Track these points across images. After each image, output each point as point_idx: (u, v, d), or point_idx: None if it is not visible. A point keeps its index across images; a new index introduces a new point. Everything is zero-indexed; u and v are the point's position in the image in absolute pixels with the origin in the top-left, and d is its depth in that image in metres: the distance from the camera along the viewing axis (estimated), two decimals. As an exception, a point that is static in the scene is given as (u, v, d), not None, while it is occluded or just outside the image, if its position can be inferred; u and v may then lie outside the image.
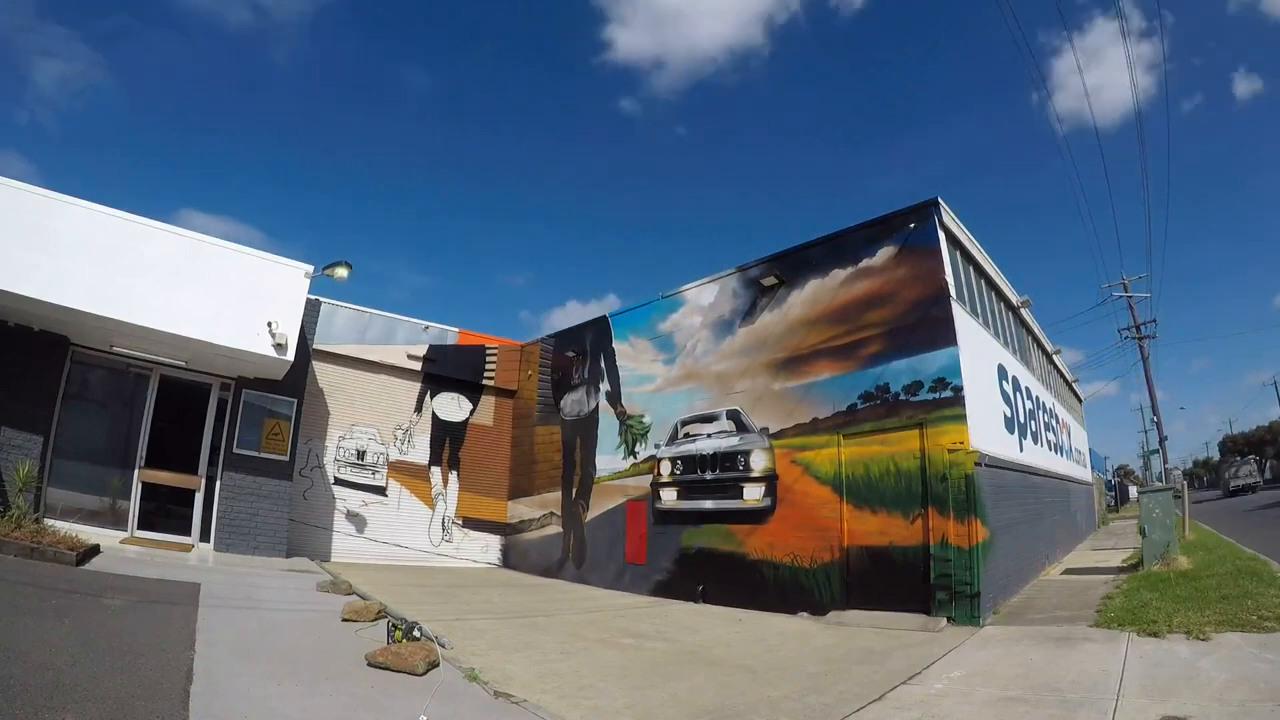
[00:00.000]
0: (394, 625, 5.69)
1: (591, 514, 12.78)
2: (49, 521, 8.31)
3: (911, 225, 8.94)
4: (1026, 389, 11.91)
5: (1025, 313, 13.35)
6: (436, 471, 14.16)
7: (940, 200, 8.81)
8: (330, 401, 12.98)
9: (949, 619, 7.38)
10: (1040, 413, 13.11)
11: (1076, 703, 4.33)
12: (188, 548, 10.04)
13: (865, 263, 9.25)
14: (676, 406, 11.49)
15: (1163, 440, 21.07)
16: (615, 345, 13.09)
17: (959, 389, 8.06)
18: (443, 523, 13.75)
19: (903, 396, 8.49)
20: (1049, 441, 13.84)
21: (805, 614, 8.56)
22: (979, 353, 9.25)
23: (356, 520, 13.07)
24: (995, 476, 8.50)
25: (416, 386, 14.27)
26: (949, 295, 8.47)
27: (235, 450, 10.73)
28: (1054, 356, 17.32)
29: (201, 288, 9.05)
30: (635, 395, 12.44)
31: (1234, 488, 38.61)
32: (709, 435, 10.78)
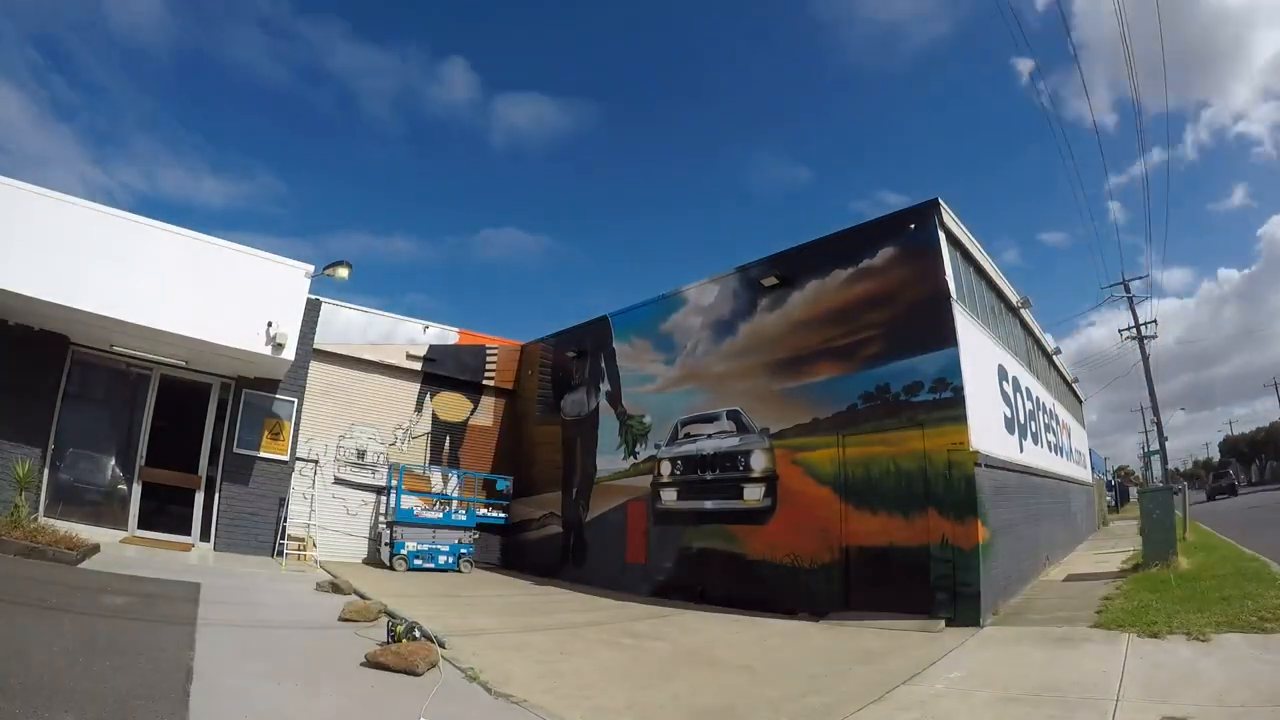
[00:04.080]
0: (394, 625, 5.69)
1: (591, 514, 12.78)
2: (49, 521, 8.32)
3: (912, 226, 8.94)
4: (1026, 389, 11.90)
5: (1025, 313, 13.35)
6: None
7: (941, 201, 8.81)
8: (330, 401, 12.97)
9: (949, 620, 7.37)
10: (1040, 413, 13.10)
11: (1076, 703, 4.33)
12: (188, 547, 10.04)
13: (866, 263, 9.24)
14: (677, 406, 11.49)
15: (1163, 441, 21.07)
16: (615, 345, 13.09)
17: (959, 389, 8.05)
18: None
19: (903, 397, 8.48)
20: (1049, 442, 13.83)
21: (805, 614, 8.55)
22: (979, 353, 9.24)
23: (357, 520, 13.07)
24: (995, 477, 8.50)
25: (416, 386, 14.26)
26: (949, 296, 8.46)
27: (235, 450, 10.74)
28: (1054, 357, 17.32)
29: (202, 287, 9.05)
30: (636, 395, 12.43)
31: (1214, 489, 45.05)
32: (709, 435, 10.78)
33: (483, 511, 13.88)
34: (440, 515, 13.23)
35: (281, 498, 11.06)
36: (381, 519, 13.14)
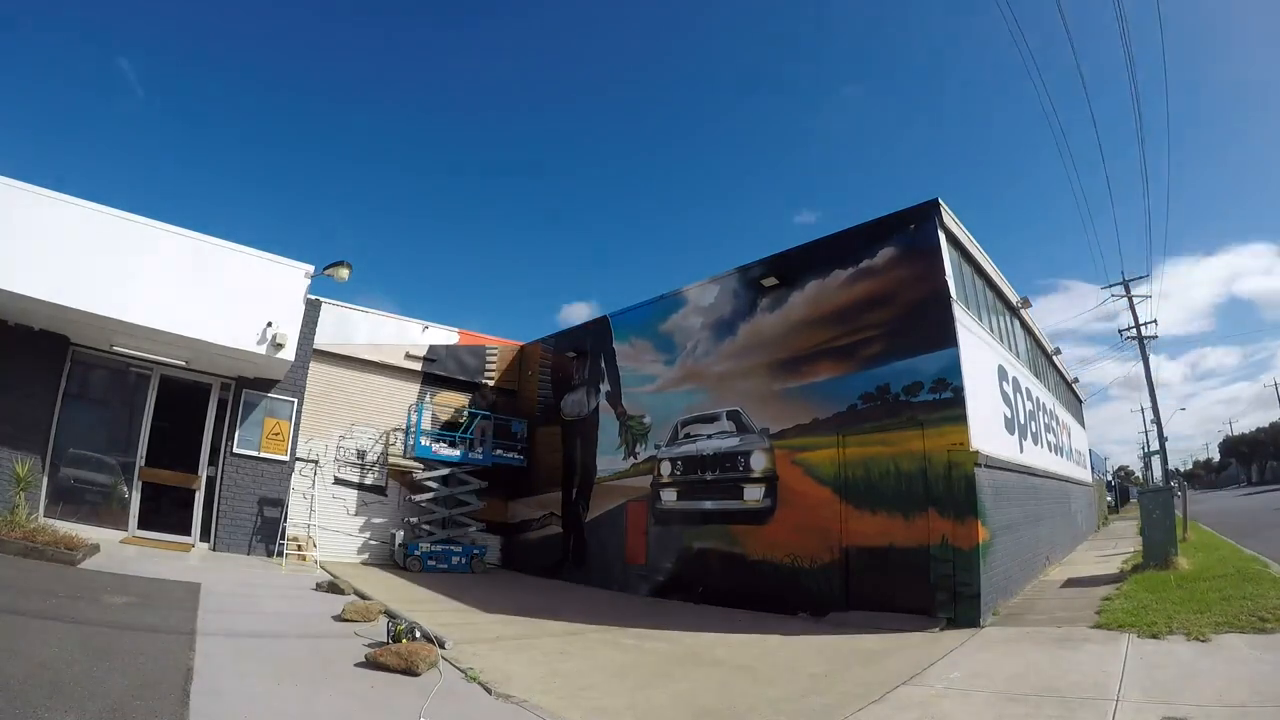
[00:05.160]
0: (394, 625, 5.69)
1: (592, 514, 12.77)
2: (48, 520, 8.32)
3: (912, 226, 8.94)
4: (1026, 390, 11.90)
5: (1025, 313, 13.35)
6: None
7: (941, 201, 8.81)
8: (330, 401, 12.97)
9: (949, 620, 7.37)
10: (1040, 413, 13.10)
11: (1076, 704, 4.33)
12: (187, 547, 10.04)
13: (866, 264, 9.25)
14: (677, 407, 11.49)
15: (1163, 441, 21.02)
16: (615, 345, 13.09)
17: (959, 390, 8.06)
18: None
19: (903, 397, 8.48)
20: (1049, 442, 13.83)
21: (805, 614, 8.55)
22: (979, 353, 9.24)
23: (356, 520, 13.07)
24: (995, 477, 8.50)
25: (416, 387, 14.27)
26: (949, 296, 8.46)
27: (235, 450, 10.73)
28: (1054, 357, 17.32)
29: (202, 287, 9.05)
30: (636, 395, 12.43)
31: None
32: (709, 436, 10.78)
33: (499, 452, 14.13)
34: (459, 453, 13.50)
35: (281, 498, 11.06)
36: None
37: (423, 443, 12.92)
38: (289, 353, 9.76)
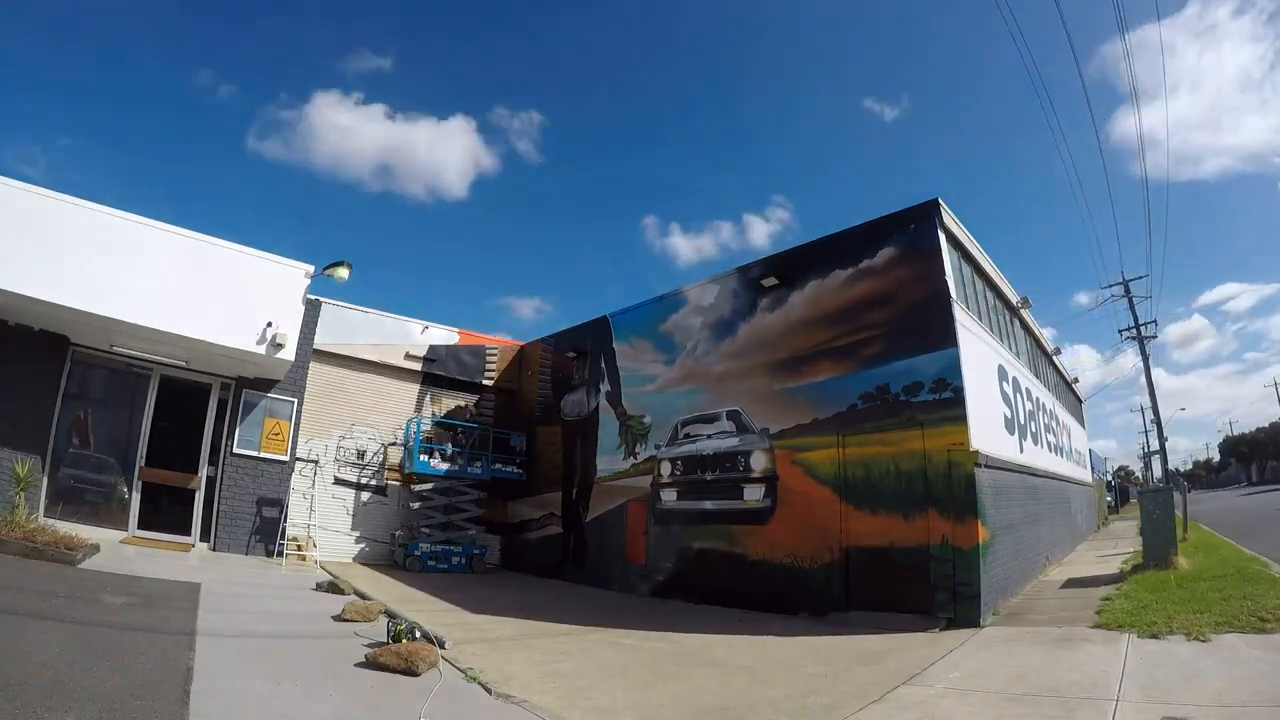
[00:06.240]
0: (394, 625, 5.69)
1: (592, 514, 12.77)
2: (49, 521, 8.33)
3: (912, 226, 8.95)
4: (1026, 390, 11.90)
5: (1025, 313, 13.35)
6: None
7: (941, 202, 8.81)
8: (330, 401, 12.97)
9: (949, 620, 7.37)
10: (1040, 413, 13.10)
11: (1076, 704, 4.33)
12: (187, 547, 10.04)
13: (866, 264, 9.25)
14: (677, 407, 11.49)
15: (1163, 441, 21.06)
16: (615, 346, 13.09)
17: (959, 390, 8.05)
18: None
19: (903, 397, 8.48)
20: (1049, 442, 13.83)
21: (805, 614, 8.55)
22: (979, 354, 9.24)
23: (356, 520, 13.08)
24: (995, 477, 8.49)
25: (416, 387, 14.27)
26: (949, 296, 8.46)
27: (235, 450, 10.74)
28: (1054, 357, 17.32)
29: (202, 287, 9.05)
30: (636, 395, 12.43)
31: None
32: (709, 436, 10.78)
33: (497, 466, 14.08)
34: (456, 467, 13.45)
35: (281, 498, 11.06)
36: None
37: (420, 458, 12.88)
38: (289, 353, 9.77)
